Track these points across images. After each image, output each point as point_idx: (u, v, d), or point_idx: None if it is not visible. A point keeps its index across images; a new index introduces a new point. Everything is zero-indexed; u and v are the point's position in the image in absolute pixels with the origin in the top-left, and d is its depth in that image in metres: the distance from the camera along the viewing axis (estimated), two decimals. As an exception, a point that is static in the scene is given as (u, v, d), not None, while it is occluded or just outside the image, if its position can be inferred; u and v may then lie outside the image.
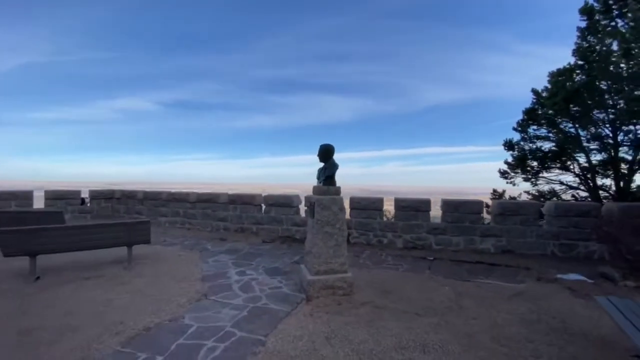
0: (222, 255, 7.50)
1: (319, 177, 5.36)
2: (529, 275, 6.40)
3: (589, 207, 7.68)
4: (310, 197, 5.36)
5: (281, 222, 9.71)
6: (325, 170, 5.16)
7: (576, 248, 7.70)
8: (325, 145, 5.23)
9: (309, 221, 5.35)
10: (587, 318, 4.32)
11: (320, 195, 5.09)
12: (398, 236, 8.66)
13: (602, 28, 6.71)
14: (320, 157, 5.25)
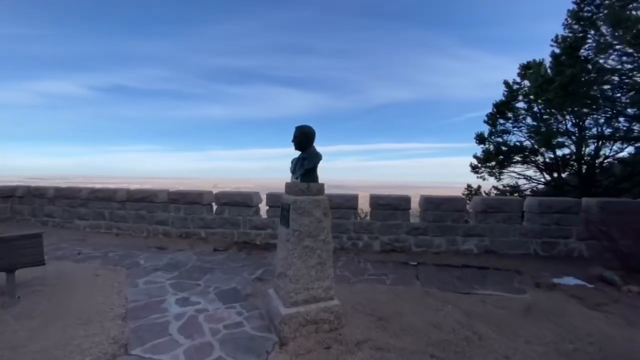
0: (158, 273, 5.72)
1: (294, 170, 3.96)
2: (524, 281, 5.75)
3: (570, 204, 7.34)
4: (283, 199, 3.94)
5: (237, 224, 8.08)
6: (305, 162, 3.78)
7: (557, 246, 7.34)
8: (303, 128, 3.85)
9: (281, 231, 3.93)
10: (625, 341, 3.58)
11: (298, 195, 3.70)
12: (375, 238, 7.60)
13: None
14: (295, 143, 3.86)
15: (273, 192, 8.00)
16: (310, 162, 3.75)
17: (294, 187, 3.75)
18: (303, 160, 3.81)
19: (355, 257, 7.01)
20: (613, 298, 4.93)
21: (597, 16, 5.90)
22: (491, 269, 6.51)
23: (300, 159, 3.87)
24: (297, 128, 3.85)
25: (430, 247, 7.48)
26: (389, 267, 6.46)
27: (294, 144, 3.86)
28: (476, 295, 5.03)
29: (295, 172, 3.91)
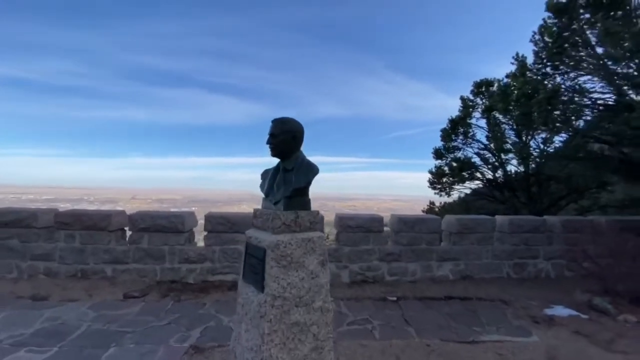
0: (20, 354, 3.48)
1: (269, 190, 2.43)
2: (517, 315, 5.06)
3: (538, 223, 7.12)
4: (251, 238, 2.37)
5: (162, 257, 5.99)
6: (291, 177, 2.30)
7: (527, 267, 7.01)
8: (288, 123, 2.40)
9: (247, 295, 2.34)
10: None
11: (279, 233, 2.19)
12: (343, 267, 6.31)
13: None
14: (274, 146, 2.37)
15: (215, 214, 6.17)
16: (301, 177, 2.29)
17: (271, 219, 2.22)
18: (287, 175, 2.33)
19: (322, 295, 5.57)
20: (613, 330, 4.44)
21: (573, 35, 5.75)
22: (474, 299, 5.78)
23: (282, 173, 2.38)
24: (278, 122, 2.37)
25: (405, 275, 6.48)
26: (367, 306, 5.20)
27: (271, 147, 2.36)
28: (484, 344, 4.07)
29: (271, 193, 2.39)
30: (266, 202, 2.41)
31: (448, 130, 10.61)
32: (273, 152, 2.37)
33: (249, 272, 2.32)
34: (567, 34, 6.00)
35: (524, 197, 9.96)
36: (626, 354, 3.76)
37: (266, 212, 2.30)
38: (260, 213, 2.37)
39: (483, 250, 6.87)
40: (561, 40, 6.04)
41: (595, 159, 7.07)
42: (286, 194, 2.24)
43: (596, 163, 7.12)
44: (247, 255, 2.37)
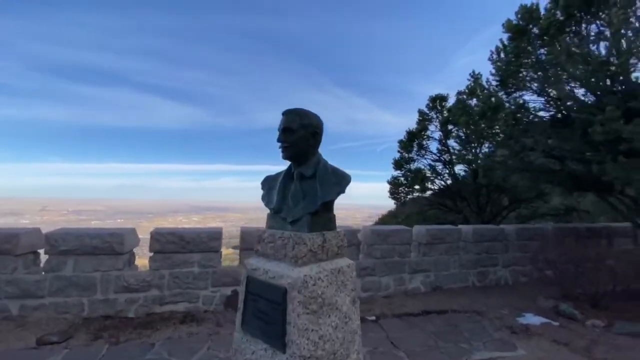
0: None
1: (280, 204, 1.80)
2: (494, 326, 5.02)
3: (497, 232, 7.42)
4: (256, 271, 1.70)
5: (91, 287, 4.74)
6: (319, 186, 1.71)
7: (488, 275, 7.22)
8: (308, 114, 1.84)
9: (246, 353, 1.64)
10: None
11: (303, 265, 1.57)
12: (315, 287, 5.71)
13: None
14: (290, 146, 1.79)
15: (163, 230, 5.14)
16: (329, 187, 1.72)
17: (292, 245, 1.60)
18: (305, 183, 1.74)
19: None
20: (584, 335, 4.61)
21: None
22: (450, 311, 5.68)
23: (298, 181, 1.78)
24: (294, 114, 1.79)
25: (379, 290, 6.14)
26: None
27: (285, 147, 1.76)
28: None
29: (285, 208, 1.77)
30: (276, 221, 1.78)
31: (405, 142, 10.86)
32: (287, 154, 1.77)
33: (255, 320, 1.65)
34: (523, 54, 6.40)
35: (474, 207, 10.53)
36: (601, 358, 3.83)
37: (281, 235, 1.67)
38: (270, 236, 1.73)
39: (451, 260, 6.89)
40: (518, 60, 6.42)
41: (537, 171, 7.61)
42: (310, 210, 1.64)
43: (537, 175, 7.68)
44: (250, 295, 1.70)
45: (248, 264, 1.75)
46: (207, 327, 4.57)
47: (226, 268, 5.36)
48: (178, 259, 5.11)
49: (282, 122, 1.79)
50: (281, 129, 1.78)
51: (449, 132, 10.04)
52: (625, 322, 4.58)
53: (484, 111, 6.36)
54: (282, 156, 1.81)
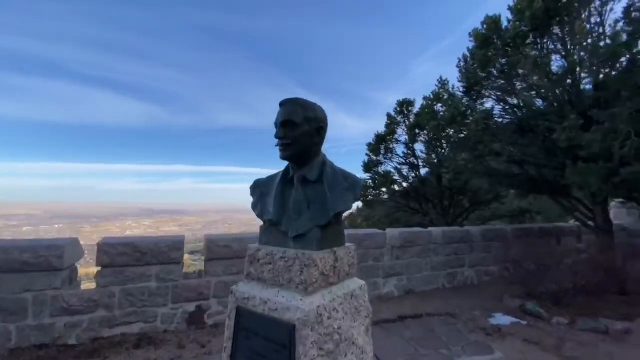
0: None
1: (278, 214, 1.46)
2: (469, 328, 5.06)
3: (463, 233, 7.61)
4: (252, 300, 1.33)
5: (21, 311, 3.93)
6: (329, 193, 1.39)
7: (457, 276, 7.38)
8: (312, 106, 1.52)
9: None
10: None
11: (315, 293, 1.25)
12: (288, 297, 5.35)
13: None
14: (294, 141, 1.45)
15: (113, 240, 4.46)
16: (343, 194, 1.43)
17: (300, 268, 1.27)
18: (310, 189, 1.44)
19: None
20: (552, 334, 4.79)
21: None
22: (425, 315, 5.64)
23: (300, 186, 1.47)
24: (296, 105, 1.48)
25: (354, 298, 5.93)
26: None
27: (285, 145, 1.44)
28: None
29: (285, 219, 1.43)
30: (274, 235, 1.44)
31: (374, 145, 10.90)
32: (287, 153, 1.44)
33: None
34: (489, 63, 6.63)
35: (439, 209, 10.85)
36: (579, 359, 3.96)
37: (283, 254, 1.33)
38: (267, 256, 1.39)
39: (423, 263, 6.92)
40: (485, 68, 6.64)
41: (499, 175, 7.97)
42: (319, 222, 1.34)
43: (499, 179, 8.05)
44: (242, 332, 1.33)
45: (238, 292, 1.39)
46: (168, 350, 4.01)
47: (189, 282, 4.79)
48: (132, 273, 4.45)
49: (281, 114, 1.46)
50: (280, 122, 1.45)
51: (417, 135, 10.26)
52: (587, 319, 4.83)
53: (454, 116, 6.48)
54: (281, 156, 1.48)
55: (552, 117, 5.57)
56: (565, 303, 5.41)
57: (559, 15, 5.10)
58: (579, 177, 5.29)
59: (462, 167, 7.42)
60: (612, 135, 4.85)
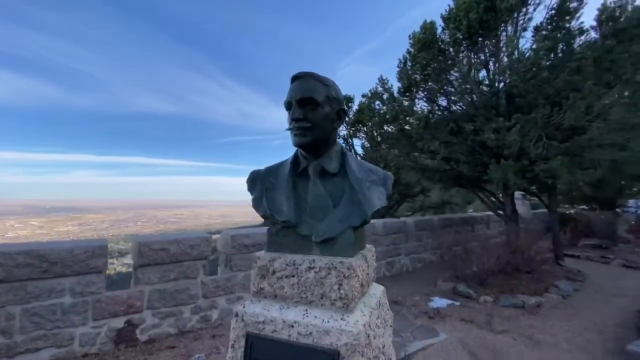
0: None
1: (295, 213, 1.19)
2: (413, 313, 5.39)
3: (401, 224, 8.11)
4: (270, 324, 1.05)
5: None
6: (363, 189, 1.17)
7: (395, 264, 7.84)
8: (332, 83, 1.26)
9: None
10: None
11: (355, 310, 1.03)
12: (237, 299, 4.95)
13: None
14: (316, 124, 1.18)
15: (10, 247, 3.46)
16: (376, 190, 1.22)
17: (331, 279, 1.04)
18: (330, 184, 1.21)
19: (212, 347, 4.11)
20: (487, 313, 5.38)
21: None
22: (371, 306, 5.81)
23: (318, 180, 1.24)
24: (315, 81, 1.23)
25: (303, 294, 5.79)
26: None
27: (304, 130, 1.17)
28: (417, 355, 3.96)
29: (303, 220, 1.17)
30: (290, 240, 1.17)
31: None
32: (306, 139, 1.19)
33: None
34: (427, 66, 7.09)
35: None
36: (508, 332, 4.51)
37: (311, 263, 1.08)
38: (286, 266, 1.11)
39: (365, 255, 7.14)
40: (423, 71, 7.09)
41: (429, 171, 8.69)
42: (354, 223, 1.12)
43: (430, 174, 8.79)
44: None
45: (246, 314, 1.08)
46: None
47: (115, 293, 4.02)
48: (37, 289, 3.53)
49: (298, 90, 1.19)
50: (297, 99, 1.18)
51: (357, 131, 10.55)
52: (507, 296, 5.57)
53: (397, 114, 6.79)
54: (297, 142, 1.21)
55: (480, 119, 6.22)
56: (488, 283, 6.16)
57: (490, 27, 5.72)
58: (500, 173, 6.03)
59: (402, 162, 7.87)
60: (528, 137, 5.64)
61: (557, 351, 3.94)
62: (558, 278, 6.70)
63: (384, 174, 1.36)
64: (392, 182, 1.36)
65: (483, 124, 6.07)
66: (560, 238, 9.17)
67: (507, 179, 6.09)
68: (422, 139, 6.35)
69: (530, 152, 5.51)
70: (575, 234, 12.02)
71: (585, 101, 4.72)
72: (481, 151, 6.85)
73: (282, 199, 1.25)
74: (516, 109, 5.78)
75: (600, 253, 9.80)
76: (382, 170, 1.37)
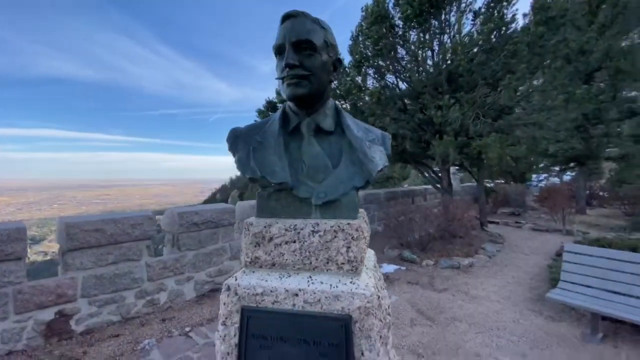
0: None
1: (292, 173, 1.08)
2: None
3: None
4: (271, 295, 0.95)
5: None
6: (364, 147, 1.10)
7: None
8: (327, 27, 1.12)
9: None
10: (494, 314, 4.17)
11: (363, 272, 0.99)
12: (187, 279, 4.66)
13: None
14: (314, 71, 1.06)
15: None
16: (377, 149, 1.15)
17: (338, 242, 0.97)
18: (329, 142, 1.14)
19: (163, 331, 3.85)
20: (428, 275, 5.91)
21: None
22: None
23: (312, 137, 1.16)
24: (309, 20, 1.08)
25: (258, 270, 5.71)
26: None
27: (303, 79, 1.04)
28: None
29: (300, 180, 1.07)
30: (285, 203, 1.06)
31: (265, 112, 10.38)
32: (303, 90, 1.07)
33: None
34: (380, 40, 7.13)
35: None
36: (448, 290, 5.03)
37: (314, 226, 0.99)
38: (286, 231, 1.00)
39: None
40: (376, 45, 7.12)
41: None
42: (357, 183, 1.05)
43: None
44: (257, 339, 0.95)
45: (240, 287, 0.96)
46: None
47: (41, 282, 3.46)
48: None
49: (293, 31, 1.04)
50: (292, 42, 1.02)
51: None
52: (445, 259, 6.18)
53: (350, 89, 6.78)
54: (292, 93, 1.06)
55: (427, 97, 6.54)
56: (429, 248, 6.75)
57: (439, 5, 5.91)
58: (442, 149, 6.48)
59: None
60: (468, 115, 6.10)
61: (489, 302, 4.52)
62: (484, 241, 7.63)
63: (381, 133, 1.31)
64: (390, 142, 1.31)
65: (429, 102, 6.39)
66: (485, 207, 10.40)
67: (447, 154, 6.58)
68: (374, 114, 6.48)
69: (469, 129, 6.00)
70: (495, 203, 13.78)
71: (519, 82, 5.26)
72: (426, 128, 7.26)
73: (273, 159, 1.12)
74: (458, 88, 6.19)
75: (515, 219, 11.42)
76: (378, 130, 1.31)
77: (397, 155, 9.04)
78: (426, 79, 6.57)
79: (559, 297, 3.64)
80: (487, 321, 3.97)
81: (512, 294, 4.78)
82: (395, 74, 7.18)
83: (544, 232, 9.33)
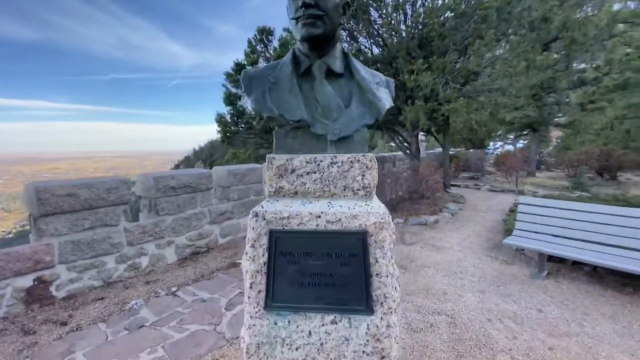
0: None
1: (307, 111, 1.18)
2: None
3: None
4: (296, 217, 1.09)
5: None
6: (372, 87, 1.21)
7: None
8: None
9: (301, 336, 1.11)
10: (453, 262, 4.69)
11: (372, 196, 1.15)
12: (168, 244, 4.67)
13: None
14: (328, 10, 1.13)
15: None
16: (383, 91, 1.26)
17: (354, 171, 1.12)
18: (339, 84, 1.26)
19: (149, 292, 3.93)
20: (399, 231, 6.38)
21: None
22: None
23: (326, 79, 1.24)
24: None
25: (238, 232, 5.83)
26: (212, 286, 4.23)
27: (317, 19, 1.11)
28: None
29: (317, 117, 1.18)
30: (302, 140, 1.16)
31: (233, 75, 9.93)
32: (317, 30, 1.15)
33: (303, 289, 1.10)
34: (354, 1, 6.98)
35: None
36: (416, 243, 5.51)
37: (332, 159, 1.11)
38: (306, 164, 1.12)
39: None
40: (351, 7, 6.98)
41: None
42: (368, 121, 1.17)
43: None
44: (285, 256, 1.09)
45: (268, 213, 1.07)
46: (9, 342, 2.82)
47: (16, 249, 3.33)
48: None
49: None
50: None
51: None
52: (414, 217, 6.67)
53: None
54: (307, 33, 1.12)
55: (400, 62, 6.65)
56: (399, 208, 7.21)
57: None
58: (413, 114, 6.74)
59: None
60: (438, 80, 6.33)
61: (452, 252, 5.04)
62: (447, 202, 8.27)
63: (385, 77, 1.41)
64: (394, 86, 1.43)
65: (403, 66, 6.52)
66: (449, 172, 11.12)
67: (418, 119, 6.86)
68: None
69: (439, 94, 6.27)
70: (457, 168, 14.72)
71: (486, 47, 5.53)
72: (398, 94, 7.43)
73: (289, 98, 1.19)
74: (430, 53, 6.36)
75: (474, 182, 12.35)
76: (381, 74, 1.42)
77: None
78: (399, 43, 6.65)
79: (514, 242, 4.17)
80: (452, 267, 4.47)
81: (472, 245, 5.35)
82: (368, 38, 7.16)
83: (500, 193, 10.25)
